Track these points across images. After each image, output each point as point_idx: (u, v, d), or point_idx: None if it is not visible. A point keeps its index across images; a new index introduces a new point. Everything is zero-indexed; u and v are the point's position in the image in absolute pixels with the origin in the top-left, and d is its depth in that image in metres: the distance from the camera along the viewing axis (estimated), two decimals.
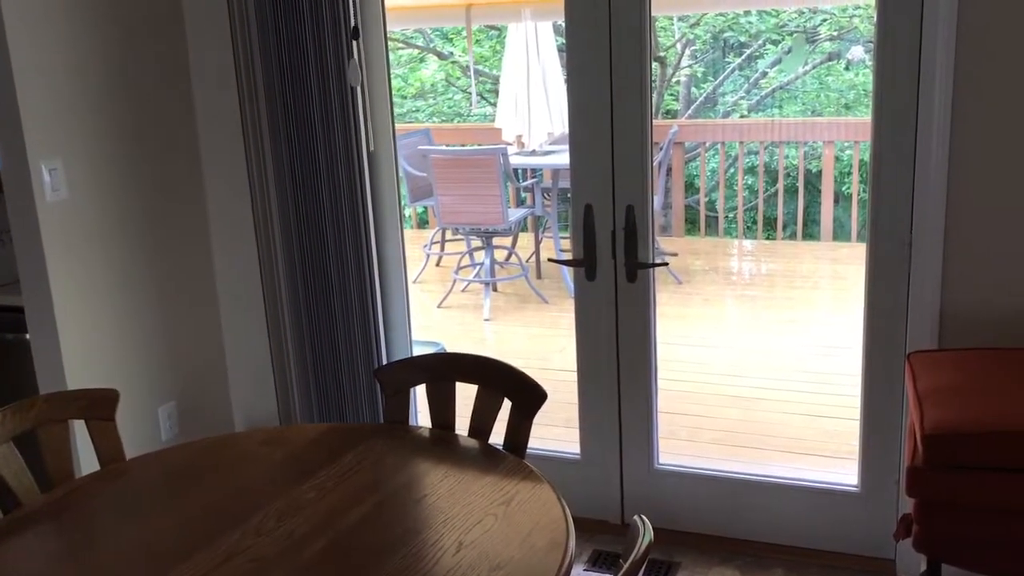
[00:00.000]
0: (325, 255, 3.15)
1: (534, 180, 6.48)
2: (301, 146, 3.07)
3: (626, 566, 1.46)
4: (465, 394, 2.28)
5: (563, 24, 2.84)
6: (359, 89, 2.99)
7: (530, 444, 2.21)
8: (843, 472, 3.03)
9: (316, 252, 3.16)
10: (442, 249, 6.67)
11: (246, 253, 3.33)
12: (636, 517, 1.57)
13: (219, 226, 3.38)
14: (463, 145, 7.56)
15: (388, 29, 3.07)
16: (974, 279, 2.54)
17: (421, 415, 3.08)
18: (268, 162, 3.15)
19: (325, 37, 2.94)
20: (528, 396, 2.17)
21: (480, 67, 9.27)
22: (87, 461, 2.73)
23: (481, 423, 2.23)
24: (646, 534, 1.51)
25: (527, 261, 6.33)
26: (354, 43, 2.93)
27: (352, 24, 2.92)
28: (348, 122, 3.00)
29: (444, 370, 2.31)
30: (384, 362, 3.21)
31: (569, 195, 2.97)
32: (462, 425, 2.26)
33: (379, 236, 3.20)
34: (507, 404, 2.22)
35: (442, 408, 2.28)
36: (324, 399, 3.29)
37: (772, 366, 4.69)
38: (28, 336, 2.92)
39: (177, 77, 3.24)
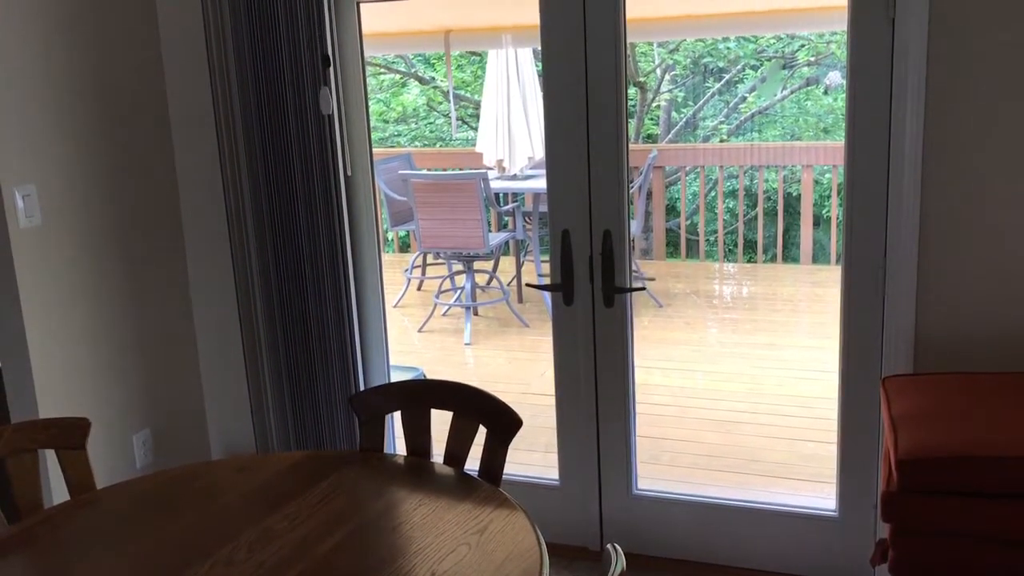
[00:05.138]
0: (302, 280, 3.14)
1: (515, 204, 6.49)
2: (278, 170, 3.07)
3: None
4: (443, 419, 2.26)
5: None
6: (336, 114, 2.99)
7: (510, 470, 2.20)
8: (822, 496, 3.03)
9: (293, 277, 3.15)
10: (423, 273, 6.66)
11: (223, 279, 3.32)
12: (609, 546, 1.56)
13: (195, 251, 3.36)
14: (444, 170, 7.57)
15: (368, 55, 3.08)
16: (948, 304, 2.56)
17: (398, 441, 3.07)
18: (245, 187, 3.14)
19: (302, 63, 2.94)
20: (503, 423, 2.16)
21: (461, 92, 9.31)
22: (57, 490, 2.70)
23: (456, 450, 2.21)
24: (618, 563, 1.50)
25: (508, 285, 6.33)
26: (328, 70, 2.94)
27: (324, 52, 2.93)
28: (325, 147, 3.00)
29: (418, 397, 2.30)
30: (362, 388, 3.20)
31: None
32: (439, 451, 2.24)
33: (357, 260, 3.19)
34: (483, 430, 2.20)
35: (417, 435, 2.27)
36: (301, 425, 3.27)
37: (753, 390, 4.70)
38: (0, 364, 2.89)
39: (153, 102, 3.24)
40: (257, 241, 3.17)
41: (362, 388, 3.20)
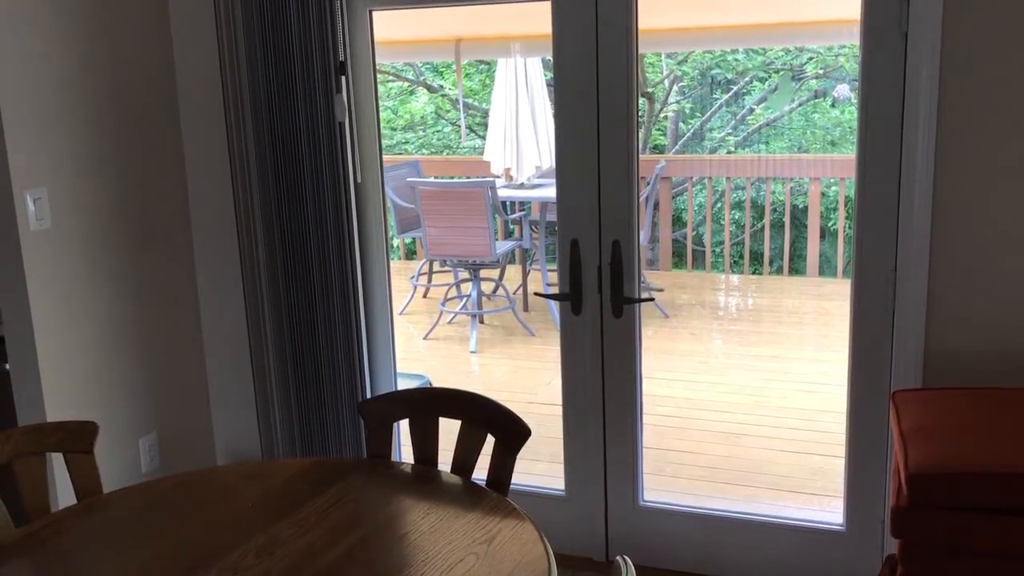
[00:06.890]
0: (310, 286, 3.14)
1: (522, 213, 6.49)
2: (288, 177, 3.07)
3: None
4: (450, 428, 2.26)
5: (551, 59, 2.86)
6: (347, 121, 3.00)
7: (515, 480, 2.19)
8: (829, 510, 3.02)
9: (301, 283, 3.15)
10: (429, 281, 6.66)
11: (231, 283, 3.32)
12: (619, 557, 1.55)
13: (204, 256, 3.37)
14: (452, 177, 7.58)
15: (378, 62, 3.09)
16: (958, 318, 2.55)
17: (405, 449, 3.06)
18: (255, 192, 3.14)
19: (314, 71, 2.95)
20: (512, 433, 2.15)
21: (469, 100, 9.32)
22: (64, 494, 2.70)
23: (464, 459, 2.21)
24: (628, 575, 1.50)
25: (514, 293, 6.33)
26: (342, 78, 2.94)
27: (340, 59, 2.93)
28: (335, 154, 3.00)
29: (427, 405, 2.29)
30: (368, 395, 3.19)
31: (556, 229, 2.97)
32: (446, 459, 2.24)
33: (365, 267, 3.19)
34: (491, 439, 2.20)
35: (425, 443, 2.26)
36: (307, 432, 3.26)
37: (758, 402, 4.69)
38: (8, 366, 2.89)
39: (165, 108, 3.24)
40: (266, 246, 3.17)
41: (369, 395, 3.20)
